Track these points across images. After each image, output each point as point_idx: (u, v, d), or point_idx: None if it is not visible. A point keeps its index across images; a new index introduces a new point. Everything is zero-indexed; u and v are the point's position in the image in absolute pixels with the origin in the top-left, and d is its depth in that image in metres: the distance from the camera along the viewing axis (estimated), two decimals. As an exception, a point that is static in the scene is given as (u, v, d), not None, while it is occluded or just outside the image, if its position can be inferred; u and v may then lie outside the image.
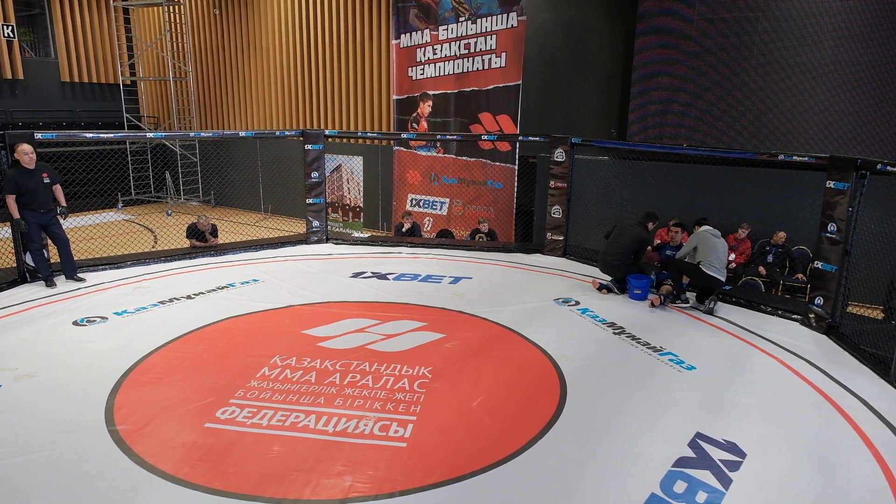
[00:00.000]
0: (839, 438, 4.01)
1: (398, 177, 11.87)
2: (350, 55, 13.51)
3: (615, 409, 4.27)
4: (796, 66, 8.85)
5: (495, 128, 10.53)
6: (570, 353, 5.17)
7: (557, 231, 8.48)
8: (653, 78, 9.92)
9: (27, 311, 5.97)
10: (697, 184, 9.03)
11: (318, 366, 4.80)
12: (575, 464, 3.62)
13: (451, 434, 3.91)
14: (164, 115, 17.33)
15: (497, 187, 10.78)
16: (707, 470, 3.57)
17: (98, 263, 7.48)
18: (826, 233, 5.83)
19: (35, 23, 15.87)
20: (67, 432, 3.80)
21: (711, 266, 6.27)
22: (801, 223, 8.05)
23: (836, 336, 5.74)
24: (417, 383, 4.56)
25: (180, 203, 16.23)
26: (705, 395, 4.53)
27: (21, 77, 14.94)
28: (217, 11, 15.69)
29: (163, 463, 3.50)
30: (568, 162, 8.23)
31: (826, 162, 5.86)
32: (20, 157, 6.34)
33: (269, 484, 3.34)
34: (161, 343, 5.19)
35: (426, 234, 11.01)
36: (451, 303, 6.41)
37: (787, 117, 9.06)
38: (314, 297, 6.50)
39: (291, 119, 14.87)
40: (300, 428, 3.91)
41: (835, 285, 5.79)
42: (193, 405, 4.16)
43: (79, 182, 11.99)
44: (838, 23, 8.48)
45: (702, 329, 5.93)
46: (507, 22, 10.13)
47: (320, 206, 9.03)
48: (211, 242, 8.55)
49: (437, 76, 11.05)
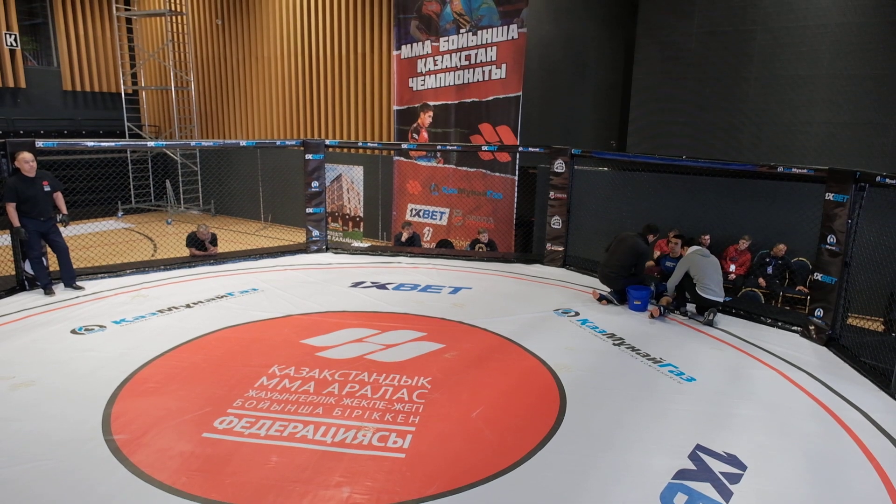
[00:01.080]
0: (839, 451, 3.99)
1: (398, 187, 11.88)
2: (351, 66, 13.58)
3: (615, 421, 4.25)
4: (795, 79, 8.90)
5: (495, 139, 10.56)
6: (569, 364, 5.16)
7: (557, 242, 8.48)
8: (653, 90, 9.98)
9: (25, 318, 5.96)
10: (697, 195, 9.05)
11: (317, 376, 4.79)
12: (575, 475, 3.60)
13: (450, 445, 3.89)
14: (165, 124, 17.38)
15: (497, 198, 10.80)
16: (707, 482, 3.55)
17: (97, 272, 7.48)
18: (826, 245, 5.84)
19: (38, 32, 15.96)
20: (64, 441, 3.78)
21: (707, 289, 6.30)
22: (800, 235, 8.06)
23: (837, 348, 5.72)
24: (416, 394, 4.54)
25: (180, 212, 16.24)
26: (705, 406, 4.51)
27: (23, 85, 15.01)
28: (220, 22, 15.78)
29: (160, 473, 3.48)
30: (568, 173, 8.24)
31: (825, 174, 5.87)
32: (21, 166, 6.35)
33: (266, 495, 3.32)
34: (159, 352, 5.17)
35: (426, 244, 11.01)
36: (450, 313, 6.40)
37: (786, 129, 9.10)
38: (313, 307, 6.49)
39: (292, 129, 14.92)
40: (298, 438, 3.88)
41: (835, 297, 5.79)
42: (191, 415, 4.14)
43: (79, 190, 12.01)
44: (836, 36, 8.55)
45: (702, 340, 5.92)
46: (507, 34, 10.18)
47: (320, 215, 9.03)
48: (210, 251, 8.55)
49: (437, 87, 11.10)
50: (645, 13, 9.84)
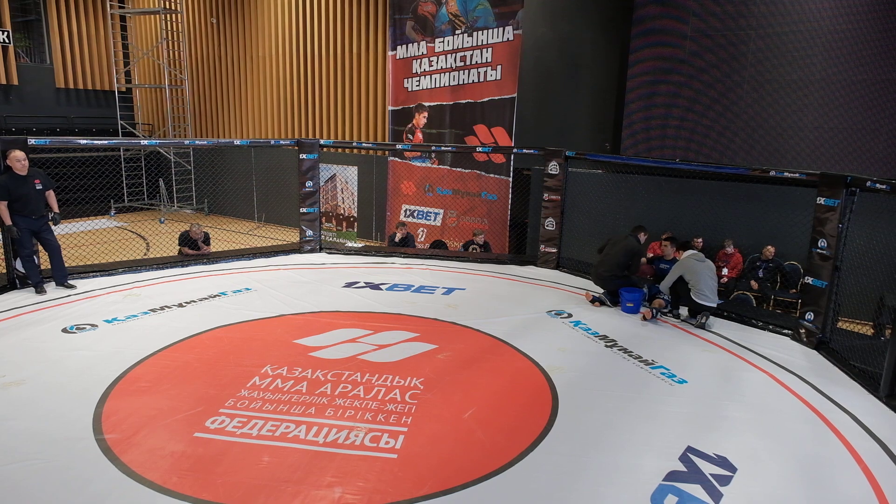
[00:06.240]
0: (829, 453, 4.02)
1: (392, 187, 11.89)
2: (346, 66, 13.57)
3: (607, 422, 4.27)
4: (788, 83, 8.96)
5: (490, 140, 10.58)
6: (562, 366, 5.17)
7: (551, 243, 8.50)
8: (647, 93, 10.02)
9: (16, 317, 5.92)
10: (690, 198, 9.10)
11: (310, 376, 4.78)
12: (566, 476, 3.61)
13: (442, 445, 3.89)
14: (158, 123, 17.32)
15: (491, 199, 10.82)
16: (698, 484, 3.57)
17: (89, 270, 7.44)
18: (817, 248, 5.88)
19: (31, 29, 15.88)
20: (54, 441, 3.76)
21: (701, 294, 6.33)
22: (792, 239, 8.11)
23: (827, 351, 5.76)
24: (409, 394, 4.55)
25: (174, 211, 16.18)
26: (696, 408, 4.54)
27: (16, 83, 14.93)
28: (214, 21, 15.74)
29: (151, 473, 3.47)
30: (562, 175, 8.27)
31: (817, 178, 5.91)
32: (12, 164, 6.32)
33: (258, 495, 3.32)
34: (151, 351, 5.15)
35: (420, 245, 11.01)
36: (443, 314, 6.41)
37: (778, 133, 9.16)
38: (306, 307, 6.48)
39: (287, 128, 14.90)
40: (290, 438, 3.88)
41: (825, 301, 5.83)
42: (183, 414, 4.13)
43: (72, 188, 11.95)
44: (829, 42, 8.61)
45: (693, 343, 5.94)
46: (503, 35, 10.21)
47: (314, 215, 9.02)
48: (203, 251, 8.52)
49: (432, 88, 11.12)
50: (639, 16, 9.88)
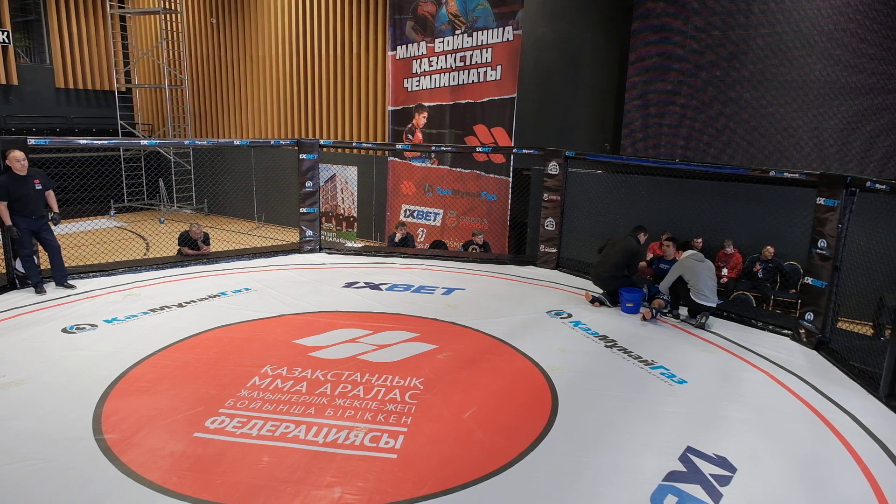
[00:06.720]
0: (828, 454, 4.02)
1: (392, 187, 11.89)
2: (346, 66, 13.57)
3: (606, 422, 4.27)
4: (788, 83, 8.97)
5: (490, 140, 10.58)
6: (562, 366, 5.17)
7: (551, 243, 8.50)
8: (646, 93, 10.03)
9: (16, 317, 5.92)
10: (689, 198, 9.10)
11: (310, 376, 4.78)
12: (566, 477, 3.61)
13: (441, 446, 3.89)
14: (158, 123, 17.32)
15: (491, 199, 10.82)
16: (698, 484, 3.57)
17: (89, 270, 7.44)
18: (816, 249, 5.88)
19: (31, 29, 15.88)
20: (54, 441, 3.76)
21: (700, 294, 6.33)
22: (792, 239, 8.12)
23: (826, 351, 5.76)
24: (409, 394, 4.55)
25: (173, 211, 16.18)
26: (696, 408, 4.54)
27: (15, 82, 14.92)
28: (214, 21, 15.74)
29: (151, 473, 3.47)
30: (562, 175, 8.27)
31: (816, 179, 5.91)
32: (11, 164, 6.32)
33: (258, 495, 3.31)
34: (151, 351, 5.15)
35: (420, 245, 11.01)
36: (443, 314, 6.41)
37: (778, 133, 9.17)
38: (306, 307, 6.48)
39: (286, 128, 14.90)
40: (290, 438, 3.88)
41: (825, 301, 5.83)
42: (183, 414, 4.13)
43: (72, 188, 11.96)
44: (829, 42, 8.62)
45: (693, 343, 5.95)
46: (503, 35, 10.21)
47: (314, 215, 9.02)
48: (203, 251, 8.52)
49: (432, 88, 11.12)
50: (639, 16, 9.89)
